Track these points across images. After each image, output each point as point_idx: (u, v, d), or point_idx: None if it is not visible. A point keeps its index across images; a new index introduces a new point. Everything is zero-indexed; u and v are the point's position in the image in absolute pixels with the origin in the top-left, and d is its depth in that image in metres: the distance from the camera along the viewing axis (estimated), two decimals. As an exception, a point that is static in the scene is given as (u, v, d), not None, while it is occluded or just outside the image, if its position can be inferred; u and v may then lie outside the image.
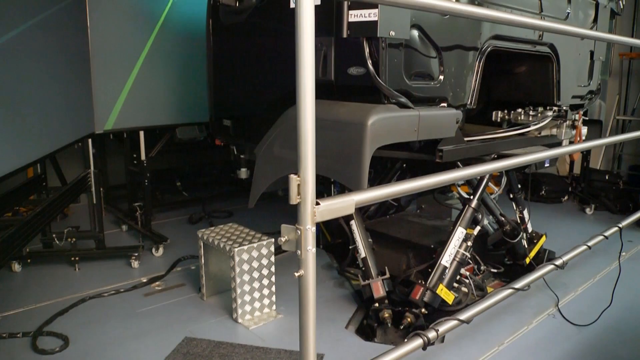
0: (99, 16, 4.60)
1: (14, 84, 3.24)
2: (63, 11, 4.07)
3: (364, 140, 2.43)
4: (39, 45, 3.60)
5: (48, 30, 3.73)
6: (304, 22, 1.69)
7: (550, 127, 3.99)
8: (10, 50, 3.16)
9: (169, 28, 5.11)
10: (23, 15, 3.39)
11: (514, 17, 2.76)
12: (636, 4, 7.23)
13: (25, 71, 3.38)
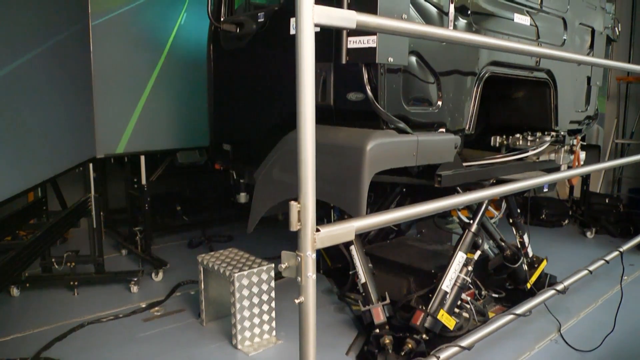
0: (102, 45, 4.67)
1: (17, 109, 3.27)
2: (67, 40, 4.13)
3: (362, 165, 2.45)
4: (42, 73, 3.64)
5: (51, 58, 3.78)
6: (304, 48, 1.71)
7: (549, 152, 4.01)
8: (15, 78, 3.20)
9: (174, 55, 5.20)
10: (28, 44, 3.44)
11: (511, 45, 2.80)
12: (632, 29, 7.32)
13: (28, 97, 3.42)
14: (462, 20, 3.15)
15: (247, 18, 3.63)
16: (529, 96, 4.12)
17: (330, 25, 1.78)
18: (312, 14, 1.68)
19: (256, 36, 3.56)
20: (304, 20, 1.67)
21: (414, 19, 2.83)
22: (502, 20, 3.50)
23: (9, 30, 3.17)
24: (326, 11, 1.73)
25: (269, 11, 3.48)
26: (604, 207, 6.65)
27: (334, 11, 1.76)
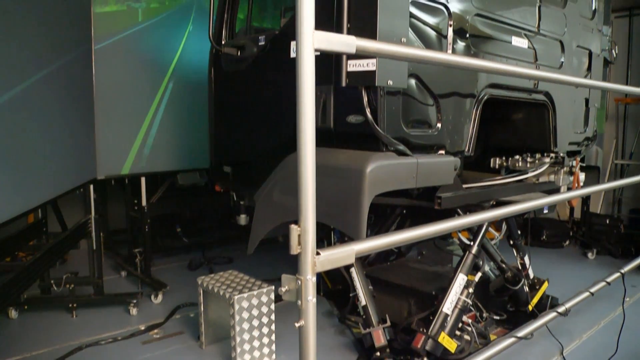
0: (105, 68, 4.72)
1: (19, 131, 3.29)
2: (69, 63, 4.17)
3: (362, 187, 2.45)
4: (45, 96, 3.67)
5: (54, 81, 3.82)
6: (304, 73, 1.73)
7: (548, 173, 4.01)
8: (18, 101, 3.23)
9: (176, 78, 5.26)
10: (31, 68, 3.48)
11: (510, 68, 2.83)
12: (629, 51, 7.39)
13: (30, 119, 3.44)
14: (461, 43, 3.19)
15: (248, 41, 3.68)
16: (527, 118, 4.14)
17: (331, 50, 1.80)
18: (313, 39, 1.70)
19: (257, 59, 3.60)
20: (304, 46, 1.69)
21: (413, 42, 2.86)
22: (500, 43, 3.54)
23: (13, 55, 3.21)
24: (326, 36, 1.75)
25: (269, 35, 3.52)
26: (604, 228, 6.64)
27: (333, 36, 1.79)
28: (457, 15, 3.13)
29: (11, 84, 3.16)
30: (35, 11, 3.58)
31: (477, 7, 3.30)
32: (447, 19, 3.10)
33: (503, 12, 3.54)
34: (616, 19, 7.34)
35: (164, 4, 5.24)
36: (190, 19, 5.43)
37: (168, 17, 5.28)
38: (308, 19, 1.70)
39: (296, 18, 1.72)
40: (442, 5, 3.07)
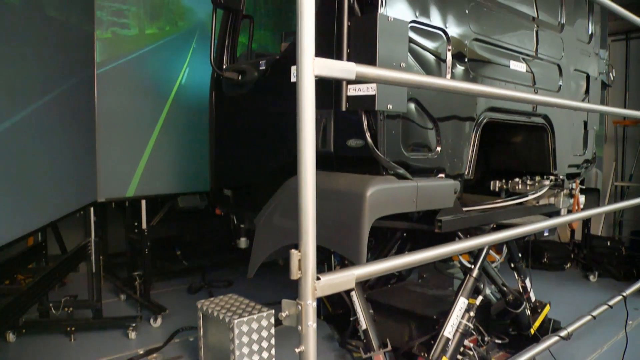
0: (107, 92, 4.78)
1: (21, 155, 3.30)
2: (72, 88, 4.21)
3: (362, 211, 2.46)
4: (47, 120, 3.70)
5: (56, 106, 3.85)
6: (304, 97, 1.75)
7: (548, 196, 4.02)
8: (20, 126, 3.25)
9: (179, 102, 5.31)
10: (35, 93, 3.51)
11: (510, 93, 2.86)
12: (627, 74, 7.46)
13: (31, 143, 3.46)
14: (460, 67, 3.22)
15: (248, 66, 3.71)
16: (527, 141, 4.16)
17: (331, 76, 1.82)
18: (313, 66, 1.72)
19: (257, 83, 3.63)
20: (304, 72, 1.71)
21: (412, 66, 2.89)
22: (499, 67, 3.57)
23: (16, 80, 3.24)
24: (326, 63, 1.77)
25: (270, 59, 3.56)
26: (606, 250, 6.62)
27: (333, 63, 1.81)
28: (455, 40, 3.17)
29: (14, 109, 3.19)
30: (39, 37, 3.63)
31: (475, 32, 3.33)
32: (445, 43, 3.13)
33: (501, 36, 3.58)
34: (613, 42, 7.42)
35: (164, 30, 5.31)
36: (193, 43, 5.50)
37: (170, 42, 5.34)
38: (308, 46, 1.73)
39: (297, 45, 1.74)
40: (441, 30, 3.11)
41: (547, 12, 4.07)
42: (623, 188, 7.62)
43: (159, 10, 5.29)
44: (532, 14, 3.89)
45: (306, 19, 1.74)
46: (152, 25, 5.22)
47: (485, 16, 3.45)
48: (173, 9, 5.42)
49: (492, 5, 3.52)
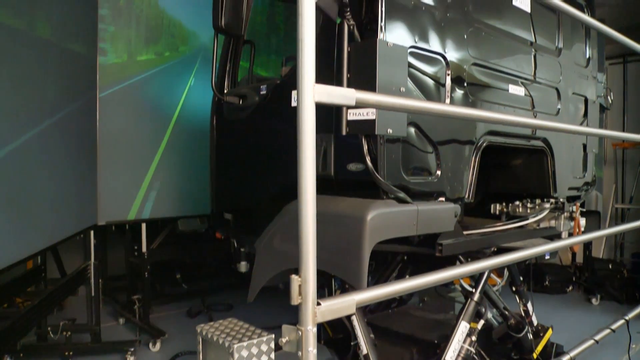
0: (109, 115, 4.81)
1: (21, 177, 3.31)
2: (74, 111, 4.25)
3: (363, 235, 2.45)
4: (49, 143, 3.72)
5: (58, 129, 3.88)
6: (305, 122, 1.76)
7: (549, 219, 4.01)
8: (22, 150, 3.27)
9: (180, 126, 5.35)
10: (37, 117, 3.54)
11: (509, 117, 2.88)
12: (625, 97, 7.51)
13: (32, 166, 3.47)
14: (459, 91, 3.24)
15: (249, 90, 3.74)
16: (526, 164, 4.17)
17: (331, 103, 1.83)
18: (313, 92, 1.74)
19: (258, 107, 3.65)
20: (305, 99, 1.73)
21: (412, 91, 2.91)
22: (498, 91, 3.60)
23: (19, 104, 3.27)
24: (326, 90, 1.79)
25: (270, 84, 3.58)
26: (607, 273, 6.60)
27: (333, 89, 1.83)
28: (454, 65, 3.20)
29: (16, 133, 3.21)
30: (43, 62, 3.67)
31: (474, 57, 3.37)
32: (444, 68, 3.16)
33: (499, 60, 3.61)
34: (610, 65, 7.49)
35: (163, 55, 5.38)
36: (195, 67, 5.57)
37: (173, 67, 5.41)
38: (308, 73, 1.75)
39: (297, 71, 1.76)
40: (440, 55, 3.14)
41: (545, 37, 4.12)
42: (623, 210, 7.61)
43: (159, 35, 5.36)
44: (529, 38, 3.94)
45: (306, 46, 1.76)
46: (151, 50, 5.29)
47: (484, 41, 3.49)
48: (174, 33, 5.49)
49: (491, 30, 3.56)
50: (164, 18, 5.42)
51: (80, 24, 4.52)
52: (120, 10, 5.06)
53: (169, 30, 5.47)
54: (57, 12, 3.98)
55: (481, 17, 3.49)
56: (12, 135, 3.18)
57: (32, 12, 3.53)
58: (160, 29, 5.38)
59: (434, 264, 3.31)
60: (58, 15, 4.00)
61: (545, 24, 4.12)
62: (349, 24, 2.83)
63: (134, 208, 5.07)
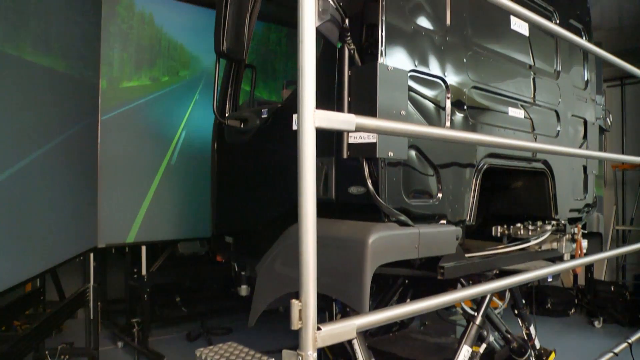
0: (110, 138, 4.84)
1: (21, 200, 3.31)
2: (76, 134, 4.26)
3: (364, 258, 2.44)
4: (49, 165, 3.73)
5: (59, 151, 3.89)
6: (305, 146, 1.76)
7: (551, 241, 4.00)
8: (23, 173, 3.27)
9: (181, 149, 5.38)
10: (38, 140, 3.55)
11: (510, 142, 2.89)
12: (623, 119, 7.55)
13: (33, 189, 3.47)
14: (459, 114, 3.26)
15: (251, 114, 3.76)
16: (527, 186, 4.17)
17: (331, 128, 1.84)
18: (313, 118, 1.75)
19: (260, 131, 3.67)
20: (305, 124, 1.74)
21: (412, 114, 2.92)
22: (498, 114, 3.61)
23: (19, 128, 3.28)
24: (327, 115, 1.80)
25: (272, 107, 3.61)
26: (610, 296, 6.55)
27: (333, 115, 1.84)
28: (454, 88, 3.22)
29: (17, 157, 3.21)
30: (46, 86, 3.69)
31: (474, 80, 3.40)
32: (444, 91, 3.18)
33: (499, 84, 3.64)
34: (608, 88, 7.54)
35: (161, 81, 5.43)
36: (197, 90, 5.62)
37: (174, 90, 5.46)
38: (309, 99, 1.76)
39: (298, 97, 1.77)
40: (440, 79, 3.16)
41: (543, 60, 4.16)
42: (624, 232, 7.59)
43: (161, 60, 5.42)
44: (528, 61, 3.97)
45: (307, 72, 1.78)
46: (151, 74, 5.34)
47: (483, 64, 3.52)
48: (176, 58, 5.55)
49: (490, 53, 3.60)
50: (169, 44, 5.50)
51: (83, 49, 4.57)
52: (123, 36, 5.13)
53: (171, 55, 5.53)
54: (61, 38, 4.03)
55: (480, 41, 3.52)
56: (13, 158, 3.19)
57: (34, 38, 3.57)
58: (164, 53, 5.44)
59: (435, 287, 3.29)
60: (62, 41, 4.05)
61: (543, 47, 4.16)
62: (349, 48, 2.86)
63: (133, 230, 5.06)
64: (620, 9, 6.40)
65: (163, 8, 5.49)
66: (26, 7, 3.45)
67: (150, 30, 5.37)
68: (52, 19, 3.87)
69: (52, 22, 3.87)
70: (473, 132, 3.33)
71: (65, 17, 4.11)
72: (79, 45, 4.44)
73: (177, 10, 5.60)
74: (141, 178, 5.13)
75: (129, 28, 5.20)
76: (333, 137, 2.85)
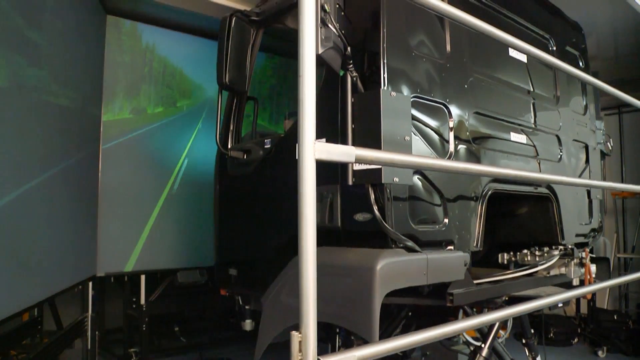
0: (111, 167, 4.84)
1: (20, 229, 3.27)
2: (77, 163, 4.25)
3: (373, 285, 2.40)
4: (50, 194, 3.69)
5: (60, 180, 3.86)
6: (305, 178, 1.75)
7: (559, 266, 3.95)
8: (23, 201, 3.24)
9: (181, 181, 5.37)
10: (39, 168, 3.53)
11: (513, 172, 2.88)
12: (622, 147, 7.59)
13: (32, 217, 3.43)
14: (462, 139, 3.26)
15: (253, 145, 3.74)
16: (532, 211, 4.15)
17: (331, 160, 1.83)
18: (313, 151, 1.74)
19: (263, 161, 3.64)
20: (305, 157, 1.73)
21: (416, 140, 2.92)
22: (500, 139, 3.62)
23: (20, 156, 3.26)
24: (327, 147, 1.79)
25: (274, 138, 3.60)
26: (613, 325, 6.48)
27: (333, 147, 1.83)
28: (456, 113, 3.23)
29: (16, 184, 3.19)
30: (48, 119, 3.69)
31: (475, 105, 3.41)
32: (447, 116, 3.19)
33: (500, 109, 3.66)
34: (606, 116, 7.60)
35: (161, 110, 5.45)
36: (200, 120, 5.64)
37: (176, 120, 5.48)
38: (309, 131, 1.76)
39: (298, 130, 1.77)
40: (442, 104, 3.17)
41: (542, 86, 4.20)
42: (626, 259, 7.55)
43: (163, 90, 5.46)
44: (527, 87, 4.01)
45: (307, 104, 1.77)
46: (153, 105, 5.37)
47: (484, 90, 3.55)
48: (178, 87, 5.59)
49: (490, 79, 3.63)
50: (174, 73, 5.54)
51: (87, 83, 4.60)
52: (126, 67, 5.16)
53: (173, 84, 5.56)
54: (66, 74, 4.06)
55: (480, 67, 3.56)
56: (12, 186, 3.16)
57: (41, 76, 3.60)
58: (166, 82, 5.48)
59: (436, 317, 3.22)
60: (67, 77, 4.08)
61: (542, 73, 4.20)
62: (352, 75, 2.87)
63: (132, 259, 5.01)
64: (616, 39, 6.49)
65: (166, 39, 5.55)
66: (37, 50, 3.51)
67: (153, 60, 5.41)
68: (59, 58, 3.91)
69: (59, 59, 3.90)
70: (477, 159, 3.36)
71: (71, 54, 4.14)
72: (82, 79, 4.47)
73: (180, 41, 5.66)
74: (142, 206, 5.10)
75: (131, 59, 5.24)
76: (338, 164, 2.84)
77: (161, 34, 5.51)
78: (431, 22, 3.23)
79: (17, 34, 3.26)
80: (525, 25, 4.17)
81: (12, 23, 3.18)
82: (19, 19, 3.27)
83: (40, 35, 3.58)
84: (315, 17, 2.38)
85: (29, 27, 3.41)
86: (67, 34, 4.09)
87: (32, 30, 3.45)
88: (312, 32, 1.81)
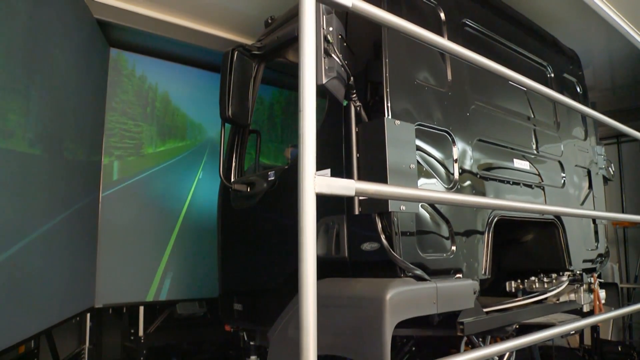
0: (111, 213, 4.86)
1: (22, 263, 3.23)
2: (77, 211, 4.22)
3: (383, 315, 2.35)
4: (48, 245, 3.66)
5: (60, 227, 3.84)
6: (305, 212, 1.76)
7: (568, 292, 3.90)
8: (23, 248, 3.22)
9: (188, 217, 5.36)
10: (39, 220, 3.51)
11: (519, 204, 2.88)
12: (621, 176, 7.61)
13: (30, 250, 3.39)
14: (466, 166, 3.26)
15: (257, 178, 3.72)
16: (539, 238, 4.12)
17: (331, 194, 1.82)
18: (314, 185, 1.73)
19: (267, 194, 3.61)
20: (305, 191, 1.74)
21: (421, 167, 2.91)
22: (504, 165, 3.63)
23: (20, 209, 3.24)
24: (327, 181, 1.79)
25: (278, 170, 3.59)
26: (617, 356, 6.36)
27: (333, 181, 1.82)
28: (460, 141, 3.24)
29: (15, 239, 3.17)
30: (48, 168, 3.68)
31: (478, 133, 3.42)
32: (451, 144, 3.19)
33: (502, 136, 3.68)
34: (605, 145, 7.63)
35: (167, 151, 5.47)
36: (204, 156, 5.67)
37: (177, 163, 5.51)
38: (309, 165, 1.75)
39: (299, 164, 1.76)
40: (445, 132, 3.18)
41: (543, 112, 4.24)
42: (629, 290, 7.49)
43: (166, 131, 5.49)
44: (528, 113, 4.04)
45: (307, 138, 1.78)
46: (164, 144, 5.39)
47: (486, 117, 3.57)
48: (182, 127, 5.62)
49: (491, 107, 3.66)
50: (174, 112, 5.57)
51: (88, 134, 4.61)
52: (128, 111, 5.19)
53: (178, 125, 5.60)
54: (69, 129, 4.09)
55: (481, 94, 3.59)
56: (13, 238, 3.15)
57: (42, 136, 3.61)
58: (167, 122, 5.51)
59: (438, 348, 3.15)
60: (70, 132, 4.11)
61: (541, 100, 4.24)
62: (355, 105, 2.88)
63: (131, 291, 4.95)
64: (613, 71, 6.58)
65: (167, 74, 5.57)
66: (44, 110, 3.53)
67: (155, 99, 5.43)
68: (62, 115, 3.93)
69: (62, 115, 3.93)
70: (482, 186, 3.35)
71: (73, 107, 4.16)
72: (83, 129, 4.48)
73: (181, 75, 5.69)
74: (142, 241, 5.09)
75: (133, 102, 5.25)
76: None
77: (160, 72, 5.51)
78: (432, 52, 3.26)
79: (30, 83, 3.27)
80: (523, 54, 4.23)
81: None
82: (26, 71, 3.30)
83: (49, 79, 3.62)
84: (318, 47, 2.41)
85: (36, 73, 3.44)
86: (74, 72, 4.14)
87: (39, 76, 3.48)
88: (312, 66, 1.83)
